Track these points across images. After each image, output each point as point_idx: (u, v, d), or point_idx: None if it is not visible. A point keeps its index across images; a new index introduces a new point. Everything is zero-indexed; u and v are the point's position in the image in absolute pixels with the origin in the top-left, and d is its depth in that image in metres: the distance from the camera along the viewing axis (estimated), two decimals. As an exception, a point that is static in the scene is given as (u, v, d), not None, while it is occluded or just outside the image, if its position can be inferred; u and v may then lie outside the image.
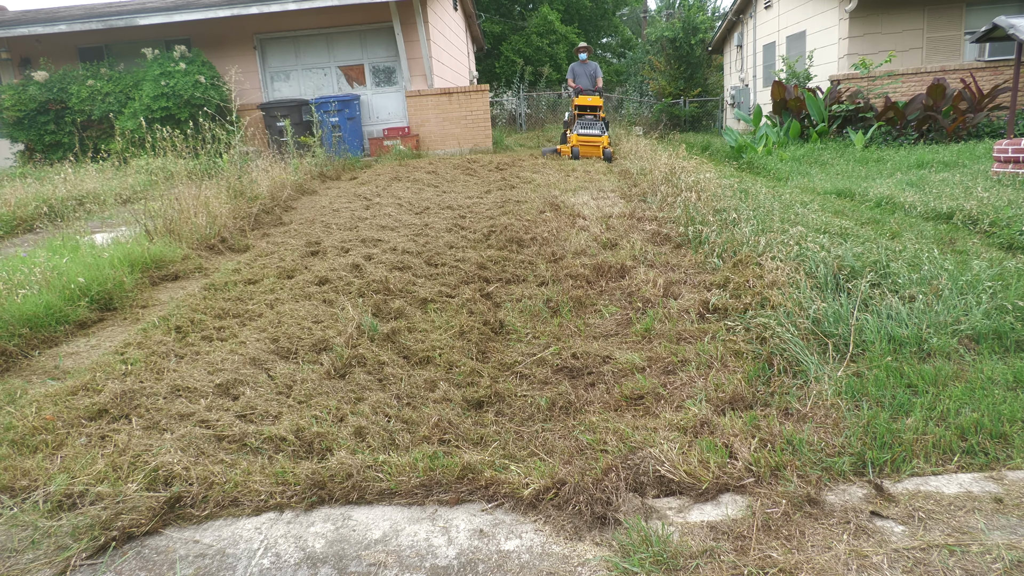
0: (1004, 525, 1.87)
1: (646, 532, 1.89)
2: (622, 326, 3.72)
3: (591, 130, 11.54)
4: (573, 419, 2.71)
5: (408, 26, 13.10)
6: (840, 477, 2.13)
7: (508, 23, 29.93)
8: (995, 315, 3.08)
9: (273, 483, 2.25)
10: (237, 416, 2.72)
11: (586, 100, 12.05)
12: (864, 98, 11.64)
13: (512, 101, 20.53)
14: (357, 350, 3.29)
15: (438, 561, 1.89)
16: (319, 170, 10.12)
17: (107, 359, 3.38)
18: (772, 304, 3.35)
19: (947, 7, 12.61)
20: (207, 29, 13.38)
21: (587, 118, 11.80)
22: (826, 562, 1.75)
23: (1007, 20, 7.89)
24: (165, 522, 2.12)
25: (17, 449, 2.53)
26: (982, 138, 10.37)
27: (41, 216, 7.24)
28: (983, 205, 5.16)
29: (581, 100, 12.07)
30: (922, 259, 3.86)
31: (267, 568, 1.91)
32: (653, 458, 2.21)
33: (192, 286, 4.74)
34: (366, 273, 4.62)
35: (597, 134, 11.44)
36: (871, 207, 6.06)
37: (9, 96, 12.53)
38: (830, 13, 13.37)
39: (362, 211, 7.08)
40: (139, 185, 8.98)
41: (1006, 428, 2.30)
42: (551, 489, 2.12)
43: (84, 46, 13.98)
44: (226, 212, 6.43)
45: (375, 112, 14.01)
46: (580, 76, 12.63)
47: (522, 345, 3.50)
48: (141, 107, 12.13)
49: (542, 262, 4.91)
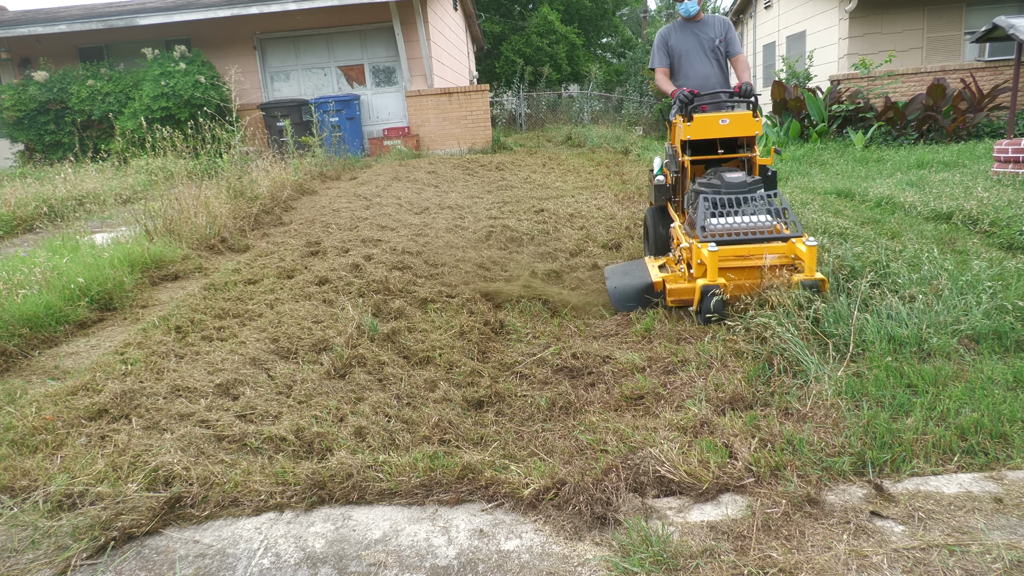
0: (1004, 525, 1.87)
1: (646, 532, 1.89)
2: (622, 326, 3.72)
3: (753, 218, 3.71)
4: (573, 419, 2.71)
5: (408, 26, 13.10)
6: (840, 477, 2.13)
7: (508, 23, 29.93)
8: (995, 315, 3.08)
9: (273, 483, 2.25)
10: (237, 416, 2.72)
11: (714, 127, 4.06)
12: (864, 98, 11.63)
13: (512, 101, 20.54)
14: (357, 350, 3.29)
15: (438, 561, 1.89)
16: (319, 170, 10.12)
17: (107, 359, 3.38)
18: (772, 304, 3.35)
19: (947, 7, 12.61)
20: (207, 29, 13.37)
21: (731, 178, 3.89)
22: (826, 562, 1.75)
23: (1007, 20, 7.90)
24: (165, 522, 2.12)
25: (17, 449, 2.53)
26: (982, 138, 10.37)
27: (41, 216, 7.24)
28: (983, 205, 5.16)
29: (704, 125, 4.07)
30: (922, 259, 3.86)
31: (267, 568, 1.91)
32: (653, 458, 2.21)
33: (192, 286, 4.74)
34: (366, 273, 4.62)
35: (777, 238, 3.59)
36: (871, 207, 6.06)
37: (9, 96, 12.53)
38: (830, 13, 13.37)
39: (362, 211, 7.08)
40: (139, 185, 8.98)
41: (1006, 428, 2.30)
42: (551, 489, 2.12)
43: (84, 46, 13.98)
44: (226, 212, 6.43)
45: (375, 112, 14.01)
46: (689, 55, 4.50)
47: (522, 345, 3.50)
48: (141, 107, 12.13)
49: (542, 262, 4.91)
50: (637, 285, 3.92)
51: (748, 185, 3.82)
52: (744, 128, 4.01)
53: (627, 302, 3.89)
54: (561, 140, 15.17)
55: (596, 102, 21.10)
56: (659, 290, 3.83)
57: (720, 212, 3.68)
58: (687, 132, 4.05)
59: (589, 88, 21.79)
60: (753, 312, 3.34)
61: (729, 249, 3.51)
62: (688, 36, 4.43)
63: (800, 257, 3.42)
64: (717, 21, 4.48)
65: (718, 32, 4.43)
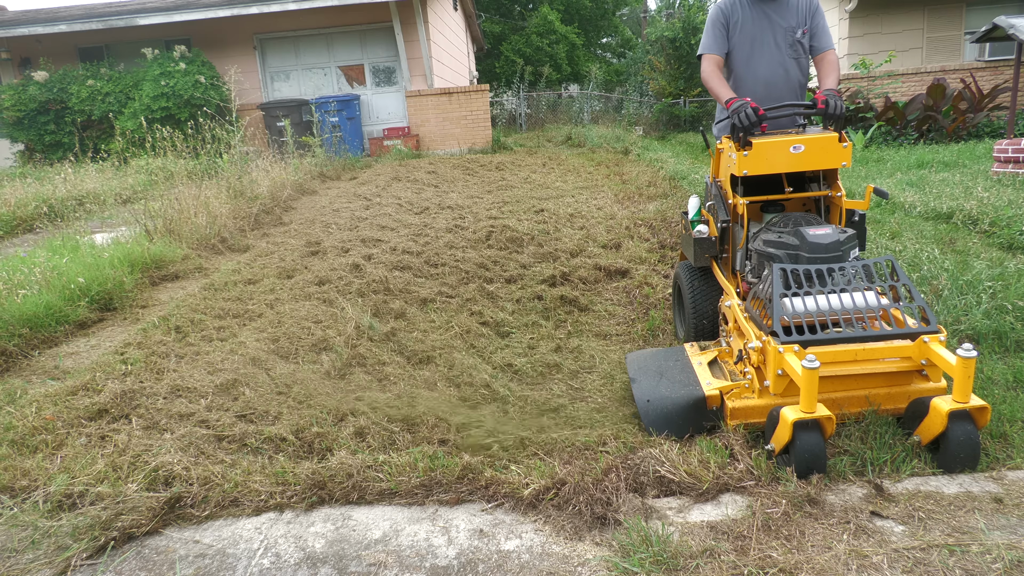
0: (1004, 525, 1.87)
1: (646, 532, 1.89)
2: (624, 324, 3.72)
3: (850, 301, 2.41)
4: (574, 419, 2.71)
5: (408, 26, 13.10)
6: (840, 477, 2.13)
7: (508, 23, 29.93)
8: (995, 315, 3.08)
9: (273, 483, 2.25)
10: (237, 416, 2.72)
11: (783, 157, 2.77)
12: (864, 98, 11.63)
13: (512, 101, 20.54)
14: (357, 350, 3.29)
15: (438, 561, 1.89)
16: (319, 170, 10.11)
17: (107, 359, 3.38)
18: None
19: (947, 7, 12.61)
20: (207, 29, 13.37)
21: (816, 236, 2.55)
22: (826, 562, 1.75)
23: (1007, 20, 7.90)
24: (165, 522, 2.12)
25: (17, 449, 2.53)
26: (982, 138, 10.36)
27: (41, 216, 7.24)
28: (983, 205, 5.16)
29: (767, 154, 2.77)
30: (922, 259, 3.86)
31: (267, 568, 1.91)
32: (653, 458, 2.21)
33: (192, 286, 4.73)
34: (366, 273, 4.62)
35: (899, 335, 2.34)
36: (871, 207, 6.06)
37: (9, 96, 12.53)
38: (830, 13, 13.37)
39: (362, 211, 7.08)
40: (139, 185, 8.97)
41: (1006, 428, 2.30)
42: (551, 489, 2.12)
43: (84, 46, 13.98)
44: (226, 212, 6.43)
45: (375, 112, 14.01)
46: (756, 46, 3.12)
47: (522, 345, 3.50)
48: (141, 107, 12.13)
49: (542, 262, 4.91)
50: (683, 400, 2.55)
51: (841, 245, 2.54)
52: (825, 159, 2.77)
53: (668, 423, 2.52)
54: (561, 140, 15.16)
55: (596, 102, 21.09)
56: (714, 406, 2.52)
57: (800, 291, 2.41)
58: (743, 165, 2.77)
59: (589, 88, 21.78)
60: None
61: (828, 351, 2.27)
62: (759, 19, 3.08)
63: (940, 367, 2.23)
64: (800, 5, 3.09)
65: (801, 19, 3.08)
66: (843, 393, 2.37)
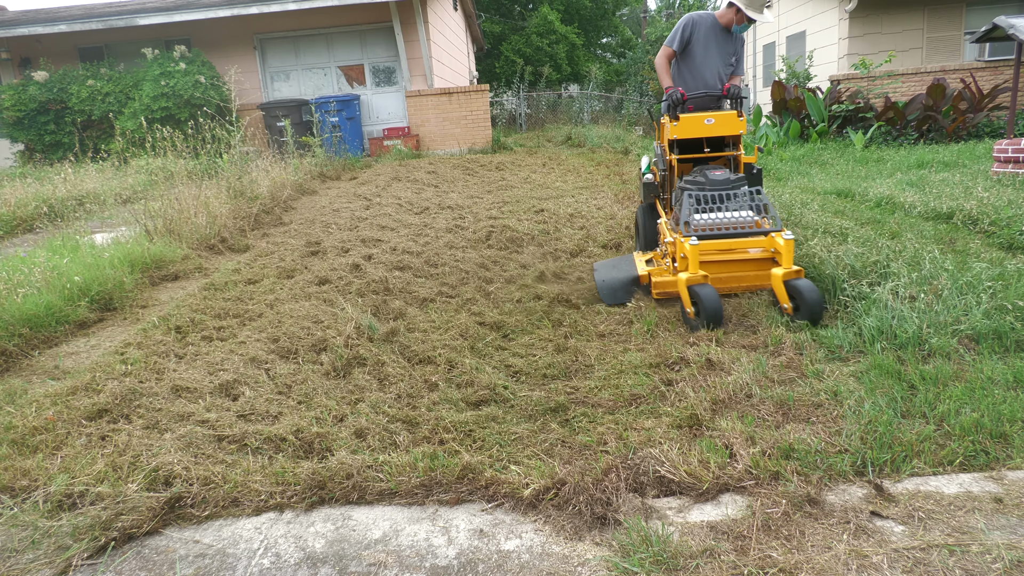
0: (1004, 525, 1.87)
1: (646, 532, 1.89)
2: (623, 325, 3.72)
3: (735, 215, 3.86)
4: (573, 419, 2.71)
5: (408, 26, 13.10)
6: (840, 477, 2.13)
7: (508, 23, 29.92)
8: (995, 315, 3.08)
9: (273, 483, 2.25)
10: (237, 416, 2.72)
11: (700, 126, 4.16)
12: (864, 98, 11.63)
13: (512, 101, 20.53)
14: (357, 350, 3.29)
15: (438, 561, 1.89)
16: (319, 170, 10.12)
17: (107, 359, 3.38)
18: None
19: (947, 7, 12.61)
20: (207, 29, 13.37)
21: (715, 176, 3.99)
22: (826, 562, 1.75)
23: (1007, 20, 7.90)
24: (165, 522, 2.12)
25: (17, 449, 2.53)
26: (982, 138, 10.36)
27: (41, 216, 7.24)
28: (983, 205, 5.16)
29: (690, 125, 4.17)
30: (922, 259, 3.86)
31: (267, 568, 1.91)
32: (653, 458, 2.21)
33: (192, 286, 4.74)
34: (366, 273, 4.62)
35: (757, 232, 3.70)
36: (871, 207, 6.06)
37: (9, 96, 12.53)
38: (830, 13, 13.37)
39: (362, 211, 7.08)
40: (139, 185, 8.98)
41: (1006, 428, 2.29)
42: (551, 489, 2.12)
43: (84, 46, 13.98)
44: (226, 212, 6.43)
45: (375, 112, 14.01)
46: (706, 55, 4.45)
47: (523, 345, 3.50)
48: (141, 107, 12.13)
49: (542, 262, 4.91)
50: (623, 278, 4.09)
51: (731, 182, 3.90)
52: (729, 127, 4.11)
53: (614, 295, 3.99)
54: (561, 140, 15.16)
55: (596, 102, 21.09)
56: (645, 283, 4.00)
57: (704, 208, 3.80)
58: (674, 132, 4.16)
59: (589, 88, 21.77)
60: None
61: (711, 243, 3.61)
62: (713, 39, 4.39)
63: (779, 251, 3.51)
64: (739, 40, 4.55)
65: (734, 49, 4.52)
66: (728, 274, 3.70)
